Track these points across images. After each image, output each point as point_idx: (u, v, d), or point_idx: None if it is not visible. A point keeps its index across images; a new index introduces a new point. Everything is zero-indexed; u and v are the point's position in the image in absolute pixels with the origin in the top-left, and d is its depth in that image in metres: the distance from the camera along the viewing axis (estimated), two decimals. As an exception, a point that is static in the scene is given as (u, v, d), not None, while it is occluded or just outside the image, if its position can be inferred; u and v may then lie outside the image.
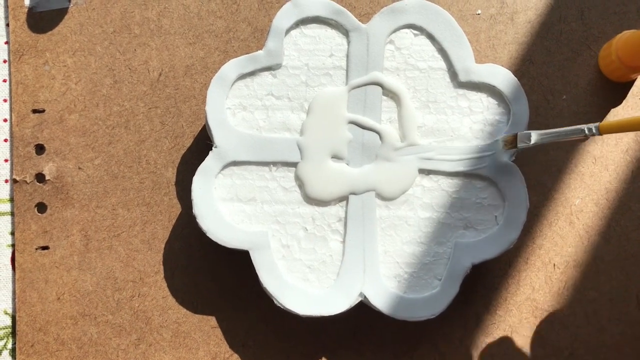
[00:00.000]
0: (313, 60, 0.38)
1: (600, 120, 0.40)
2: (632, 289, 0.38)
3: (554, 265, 0.38)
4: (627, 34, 0.38)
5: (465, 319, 0.38)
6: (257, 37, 0.41)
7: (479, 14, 0.41)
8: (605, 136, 0.39)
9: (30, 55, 0.40)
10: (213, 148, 0.36)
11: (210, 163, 0.36)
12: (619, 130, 0.29)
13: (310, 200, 0.36)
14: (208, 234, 0.36)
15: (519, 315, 0.38)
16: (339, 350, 0.38)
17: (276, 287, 0.35)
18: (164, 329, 0.38)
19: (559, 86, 0.40)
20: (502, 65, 0.40)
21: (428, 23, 0.37)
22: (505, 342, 0.38)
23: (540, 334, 0.38)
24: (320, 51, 0.38)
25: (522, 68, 0.40)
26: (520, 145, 0.34)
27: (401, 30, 0.38)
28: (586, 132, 0.31)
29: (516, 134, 0.34)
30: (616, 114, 0.40)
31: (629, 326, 0.38)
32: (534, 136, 0.33)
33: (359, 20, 0.38)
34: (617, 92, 0.40)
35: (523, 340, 0.38)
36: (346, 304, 0.35)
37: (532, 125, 0.39)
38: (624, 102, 0.40)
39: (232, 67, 0.37)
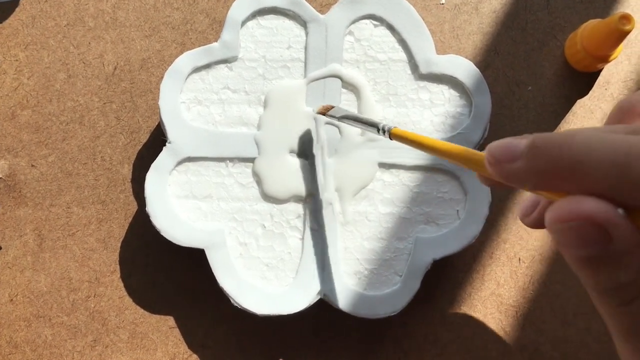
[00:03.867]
0: (270, 52, 0.37)
1: (566, 112, 0.39)
2: (598, 283, 0.37)
3: (519, 259, 0.38)
4: (592, 23, 0.37)
5: (429, 315, 0.37)
6: (216, 28, 0.39)
7: (442, 4, 0.40)
8: (571, 128, 0.39)
9: (-20, 49, 0.39)
10: (167, 144, 0.35)
11: (164, 159, 0.35)
12: (407, 142, 0.27)
13: (268, 196, 0.35)
14: (162, 233, 0.35)
15: (483, 311, 0.37)
16: (300, 349, 0.37)
17: (233, 286, 0.34)
18: (121, 330, 0.37)
19: (524, 77, 0.39)
20: (467, 56, 0.39)
21: (388, 13, 0.36)
22: (470, 339, 0.37)
23: (506, 330, 0.37)
24: (278, 43, 0.37)
25: (487, 59, 0.39)
26: (327, 116, 0.34)
27: (361, 21, 0.37)
28: (380, 129, 0.29)
29: (332, 107, 0.34)
30: (582, 105, 0.39)
31: (596, 321, 0.37)
32: (341, 113, 0.33)
33: (319, 11, 0.37)
34: (584, 82, 0.39)
35: (488, 336, 0.37)
36: (305, 302, 0.34)
37: (497, 117, 0.38)
38: (590, 92, 0.39)
39: (186, 60, 0.36)
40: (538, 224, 0.23)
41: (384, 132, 0.29)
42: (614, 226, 0.16)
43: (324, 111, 0.34)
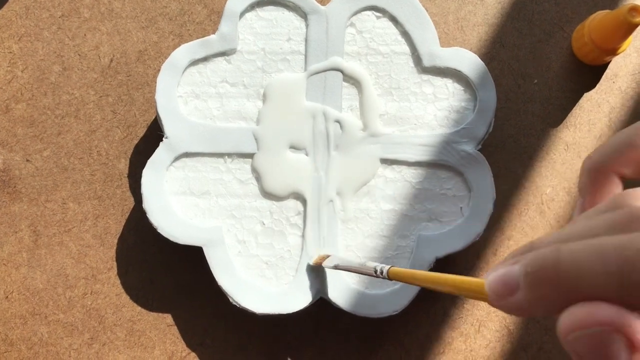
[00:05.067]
0: (270, 44, 0.36)
1: (573, 106, 0.38)
2: (603, 281, 0.37)
3: (524, 256, 0.37)
4: (600, 14, 0.36)
5: (431, 313, 0.37)
6: (214, 20, 0.38)
7: (447, -6, 0.39)
8: (577, 122, 0.38)
9: (-27, 41, 0.38)
10: (164, 139, 0.35)
11: (160, 155, 0.34)
12: (406, 280, 0.26)
13: (267, 193, 0.35)
14: (159, 230, 0.34)
15: (487, 309, 0.37)
16: (300, 347, 0.36)
17: (231, 284, 0.34)
18: (118, 328, 0.36)
19: (530, 70, 0.38)
20: (471, 48, 0.38)
21: (390, 4, 0.35)
22: (473, 337, 0.36)
23: (509, 328, 0.36)
24: (277, 35, 0.36)
25: (492, 51, 0.38)
26: (325, 264, 0.33)
27: (363, 13, 0.36)
28: (377, 272, 0.28)
29: (328, 256, 0.33)
30: (589, 98, 0.38)
31: (600, 319, 0.36)
32: (334, 262, 0.32)
33: (319, 2, 0.36)
34: (591, 75, 0.38)
35: (491, 335, 0.36)
36: (305, 301, 0.34)
37: (502, 111, 0.38)
38: (598, 85, 0.38)
39: (183, 53, 0.35)
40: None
41: (381, 273, 0.28)
42: (636, 333, 0.15)
43: (320, 261, 0.33)
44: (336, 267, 0.32)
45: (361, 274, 0.30)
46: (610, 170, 0.21)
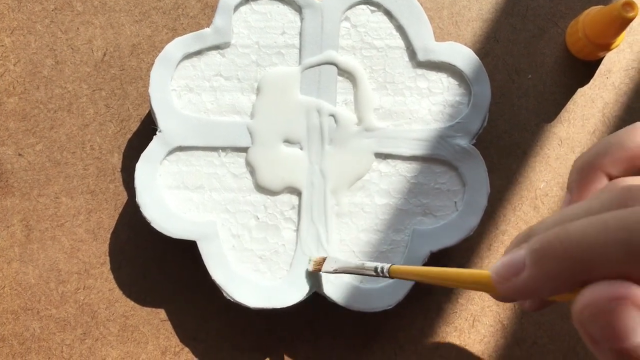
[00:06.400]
0: (264, 38, 0.35)
1: (567, 101, 0.38)
2: (597, 276, 0.37)
3: (518, 251, 0.37)
4: (594, 10, 0.36)
5: (425, 308, 0.37)
6: (208, 13, 0.38)
7: (441, -11, 0.39)
8: (571, 117, 0.38)
9: (-35, 34, 0.38)
10: (157, 133, 0.34)
11: (154, 148, 0.34)
12: (408, 277, 0.27)
13: (261, 187, 0.35)
14: (153, 224, 0.34)
15: (481, 304, 0.37)
16: (294, 342, 0.36)
17: (225, 279, 0.33)
18: (111, 323, 0.36)
19: (524, 65, 0.38)
20: (466, 43, 0.38)
21: (385, -2, 0.35)
22: (467, 332, 0.36)
23: (503, 323, 0.36)
24: (272, 29, 0.35)
25: (487, 46, 0.38)
26: (324, 269, 0.32)
27: (357, 7, 0.36)
28: (378, 271, 0.29)
29: (325, 258, 0.33)
30: (583, 94, 0.38)
31: (594, 313, 0.36)
32: (336, 265, 0.32)
33: (314, -4, 0.36)
34: (585, 70, 0.38)
35: (485, 329, 0.36)
36: (299, 295, 0.34)
37: (496, 106, 0.38)
38: (592, 81, 0.38)
39: (177, 46, 0.35)
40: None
41: (382, 272, 0.29)
42: None
43: (319, 267, 0.33)
44: (336, 272, 0.32)
45: (361, 274, 0.30)
46: (599, 169, 0.21)
